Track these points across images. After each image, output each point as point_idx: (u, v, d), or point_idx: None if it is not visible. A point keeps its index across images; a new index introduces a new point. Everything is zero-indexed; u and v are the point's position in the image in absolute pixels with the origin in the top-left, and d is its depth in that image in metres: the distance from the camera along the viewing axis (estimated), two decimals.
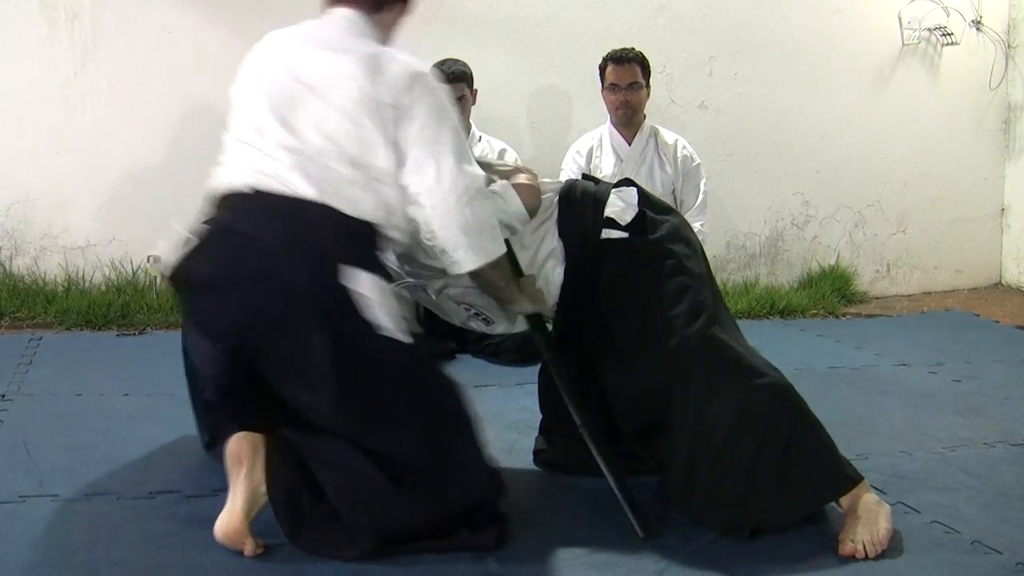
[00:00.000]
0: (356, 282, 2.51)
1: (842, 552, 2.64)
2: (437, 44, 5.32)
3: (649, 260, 2.97)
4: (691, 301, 2.90)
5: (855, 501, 2.76)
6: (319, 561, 2.53)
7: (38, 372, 4.18)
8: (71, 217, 5.38)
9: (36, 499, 2.87)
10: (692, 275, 2.97)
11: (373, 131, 2.60)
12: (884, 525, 2.69)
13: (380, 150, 2.61)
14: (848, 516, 2.75)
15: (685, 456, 2.80)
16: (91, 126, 5.34)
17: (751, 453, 2.73)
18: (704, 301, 2.92)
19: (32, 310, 5.13)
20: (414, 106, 2.63)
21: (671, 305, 2.89)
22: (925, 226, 6.96)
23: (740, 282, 6.43)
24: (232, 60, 2.86)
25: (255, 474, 2.59)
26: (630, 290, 2.96)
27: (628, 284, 2.97)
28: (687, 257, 3.00)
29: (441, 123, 2.66)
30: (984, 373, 4.75)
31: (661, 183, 5.10)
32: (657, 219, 3.05)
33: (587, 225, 3.01)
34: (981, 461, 3.47)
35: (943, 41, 6.71)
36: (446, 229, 2.63)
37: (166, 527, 2.72)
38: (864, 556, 2.62)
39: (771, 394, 2.80)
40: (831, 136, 6.59)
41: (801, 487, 2.76)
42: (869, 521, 2.69)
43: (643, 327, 2.92)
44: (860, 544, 2.64)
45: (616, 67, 5.02)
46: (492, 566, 2.45)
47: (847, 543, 2.66)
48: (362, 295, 2.50)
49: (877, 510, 2.73)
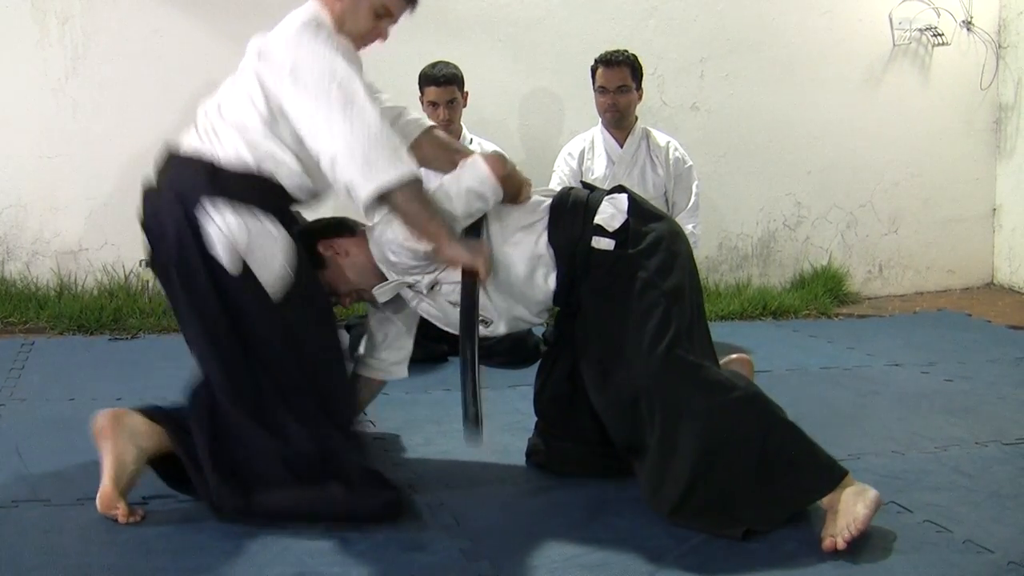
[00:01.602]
0: (210, 220, 2.75)
1: (824, 549, 2.65)
2: (428, 46, 5.32)
3: (623, 275, 2.97)
4: (659, 319, 2.89)
5: (834, 498, 2.77)
6: (311, 556, 2.54)
7: (30, 377, 4.18)
8: (63, 222, 5.38)
9: (28, 504, 2.88)
10: (665, 290, 2.94)
11: (249, 89, 2.83)
12: (862, 510, 2.69)
13: (253, 107, 2.82)
14: (828, 514, 2.75)
15: (659, 477, 2.80)
16: (83, 130, 5.34)
17: (724, 471, 2.75)
18: (671, 319, 2.90)
19: (24, 315, 5.14)
20: (293, 64, 2.77)
21: (640, 324, 2.90)
22: (917, 226, 6.97)
23: (732, 283, 6.44)
24: (222, 63, 2.89)
25: (119, 444, 2.75)
26: (605, 306, 2.98)
27: (603, 300, 2.98)
28: (664, 272, 2.98)
29: (322, 77, 2.76)
30: (976, 373, 4.75)
31: (653, 185, 5.09)
32: (643, 229, 3.04)
33: (576, 233, 3.02)
34: (973, 461, 3.48)
35: (934, 41, 6.71)
36: (342, 169, 2.73)
37: (158, 531, 2.73)
38: (843, 546, 2.62)
39: (737, 410, 2.81)
40: (823, 137, 6.60)
41: (781, 494, 2.78)
42: (846, 512, 2.70)
43: (615, 345, 2.93)
44: (838, 536, 2.65)
45: (605, 70, 5.01)
46: (484, 567, 2.45)
47: (826, 539, 2.67)
48: (209, 233, 2.75)
49: (855, 499, 2.73)
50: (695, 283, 3.13)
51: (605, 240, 2.99)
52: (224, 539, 2.68)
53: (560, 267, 3.02)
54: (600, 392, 2.95)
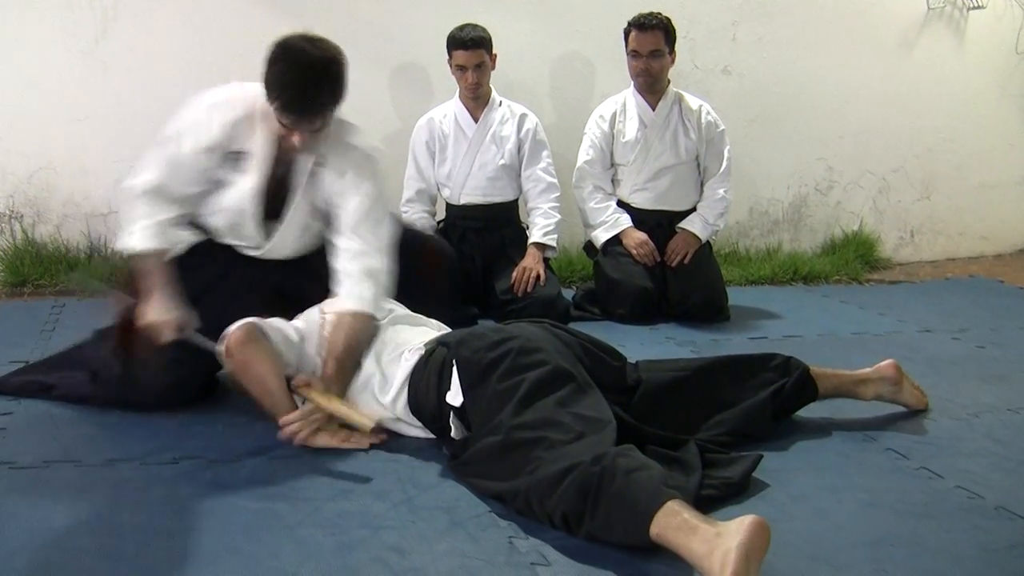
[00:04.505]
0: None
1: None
2: (457, 9, 5.29)
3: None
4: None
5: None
6: (341, 518, 2.55)
7: (61, 338, 4.19)
8: (93, 184, 5.39)
9: (60, 464, 2.90)
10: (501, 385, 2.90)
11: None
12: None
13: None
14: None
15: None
16: (113, 93, 5.33)
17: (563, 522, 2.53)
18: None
19: (55, 277, 5.16)
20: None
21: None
22: (950, 192, 6.91)
23: (763, 248, 6.41)
24: (253, 24, 2.87)
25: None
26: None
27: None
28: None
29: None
30: (1008, 339, 4.72)
31: (685, 149, 5.07)
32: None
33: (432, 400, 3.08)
34: (1006, 427, 3.46)
35: (969, 5, 6.63)
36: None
37: (189, 491, 2.74)
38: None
39: (562, 478, 2.53)
40: (855, 101, 6.54)
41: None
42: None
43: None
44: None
45: (639, 34, 4.96)
46: (474, 564, 2.43)
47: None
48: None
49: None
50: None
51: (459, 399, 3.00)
52: (254, 500, 2.69)
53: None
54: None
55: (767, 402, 3.21)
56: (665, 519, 2.27)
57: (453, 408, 2.98)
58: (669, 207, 5.12)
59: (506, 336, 3.02)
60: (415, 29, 5.52)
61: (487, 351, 2.96)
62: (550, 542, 2.49)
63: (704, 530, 2.20)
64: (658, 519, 2.28)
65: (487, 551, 2.45)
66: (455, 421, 2.99)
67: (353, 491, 2.77)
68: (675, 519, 2.26)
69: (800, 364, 3.32)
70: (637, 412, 3.10)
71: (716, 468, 2.86)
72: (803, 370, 3.30)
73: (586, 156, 5.14)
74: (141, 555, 2.37)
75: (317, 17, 4.68)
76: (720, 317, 4.96)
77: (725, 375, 3.29)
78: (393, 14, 5.53)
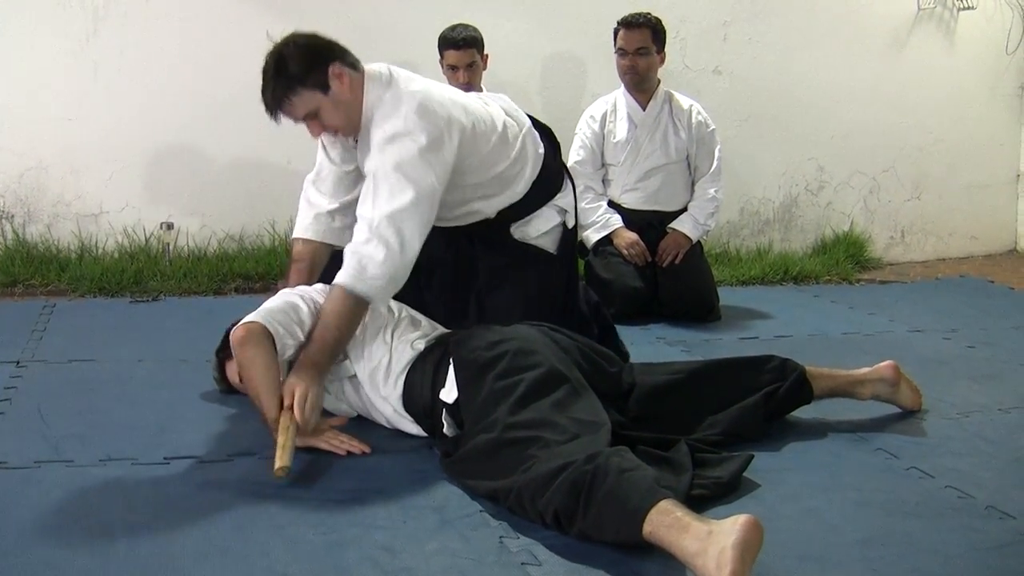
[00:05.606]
0: None
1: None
2: (449, 9, 5.30)
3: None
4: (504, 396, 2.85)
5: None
6: (332, 516, 2.55)
7: (52, 339, 4.19)
8: (84, 184, 5.39)
9: (51, 464, 2.88)
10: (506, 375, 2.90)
11: None
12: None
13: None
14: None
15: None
16: (104, 92, 5.33)
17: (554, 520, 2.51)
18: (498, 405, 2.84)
19: (46, 277, 5.15)
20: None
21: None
22: (940, 192, 6.93)
23: (754, 248, 6.42)
24: (244, 24, 2.86)
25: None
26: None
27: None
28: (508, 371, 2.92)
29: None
30: (999, 339, 4.73)
31: (675, 148, 5.08)
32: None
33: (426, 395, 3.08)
34: (996, 427, 3.46)
35: (959, 5, 6.66)
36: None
37: (180, 491, 2.74)
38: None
39: (549, 480, 2.52)
40: (846, 101, 6.55)
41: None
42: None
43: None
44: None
45: (626, 32, 4.98)
46: (464, 563, 2.43)
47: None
48: None
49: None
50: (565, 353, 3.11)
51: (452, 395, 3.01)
52: (244, 499, 2.68)
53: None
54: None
55: (760, 404, 3.21)
56: (658, 517, 2.27)
57: (446, 405, 2.99)
58: (660, 207, 5.13)
59: (504, 337, 3.02)
60: (406, 29, 5.52)
61: (485, 350, 2.96)
62: (541, 542, 2.48)
63: (697, 528, 2.20)
64: (651, 517, 2.27)
65: (478, 550, 2.45)
66: (447, 418, 3.00)
67: (344, 490, 2.77)
68: (668, 517, 2.26)
69: (797, 367, 3.31)
70: (632, 416, 3.10)
71: (707, 468, 2.86)
72: (799, 373, 3.29)
73: (577, 156, 5.14)
74: (132, 554, 2.36)
75: (307, 16, 4.68)
76: (711, 317, 4.96)
77: (721, 378, 3.28)
78: (384, 13, 5.52)
